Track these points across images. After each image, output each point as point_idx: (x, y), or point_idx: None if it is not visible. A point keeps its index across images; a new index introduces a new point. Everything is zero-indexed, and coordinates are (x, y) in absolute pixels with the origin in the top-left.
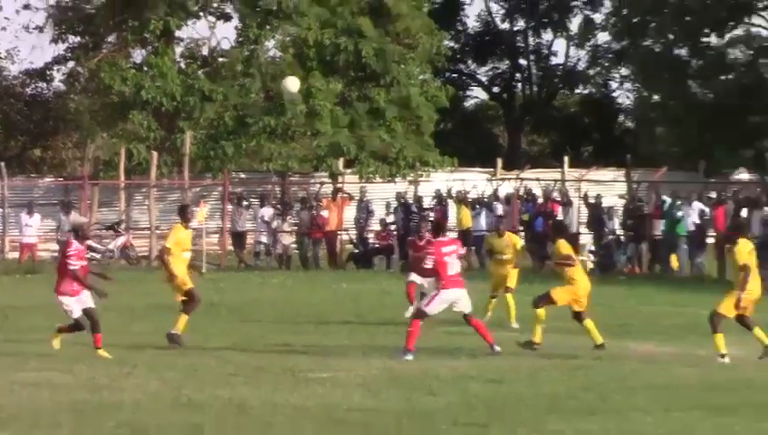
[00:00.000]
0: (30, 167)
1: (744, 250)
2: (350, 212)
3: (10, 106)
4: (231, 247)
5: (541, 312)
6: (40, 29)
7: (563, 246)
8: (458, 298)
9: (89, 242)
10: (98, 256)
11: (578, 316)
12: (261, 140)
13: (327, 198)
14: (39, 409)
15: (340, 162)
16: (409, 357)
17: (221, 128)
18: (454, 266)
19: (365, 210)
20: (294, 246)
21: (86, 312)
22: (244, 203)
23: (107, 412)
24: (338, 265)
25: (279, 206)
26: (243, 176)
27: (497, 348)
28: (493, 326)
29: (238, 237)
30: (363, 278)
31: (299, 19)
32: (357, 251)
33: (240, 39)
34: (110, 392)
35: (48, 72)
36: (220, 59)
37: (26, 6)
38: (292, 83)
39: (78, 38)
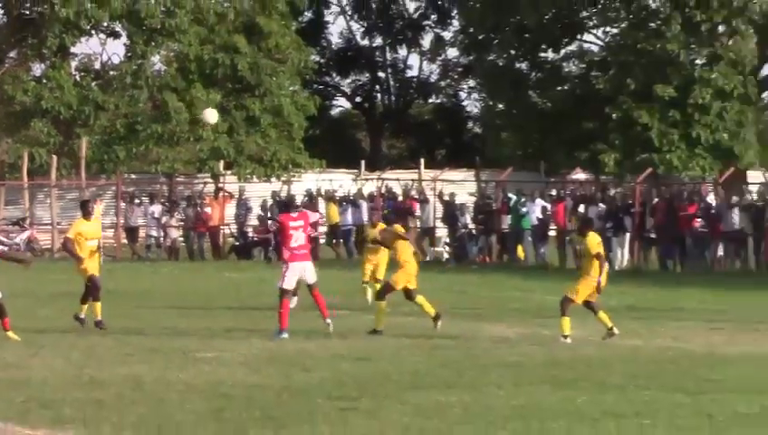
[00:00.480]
0: None
1: (595, 241)
2: (230, 209)
3: None
4: (125, 241)
5: (384, 303)
6: None
7: (399, 229)
8: (304, 268)
9: None
10: (5, 248)
11: (409, 294)
12: (149, 145)
13: (210, 196)
14: None
15: (221, 164)
16: (285, 336)
17: (114, 134)
18: (299, 239)
19: (244, 207)
20: (182, 239)
21: None
22: (136, 201)
23: (16, 388)
24: (221, 257)
25: (167, 203)
26: (134, 176)
27: (329, 321)
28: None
29: (131, 232)
30: (244, 268)
31: (181, 37)
32: (237, 244)
33: (128, 54)
34: (19, 371)
35: None
36: (111, 72)
37: None
38: (210, 115)
39: None
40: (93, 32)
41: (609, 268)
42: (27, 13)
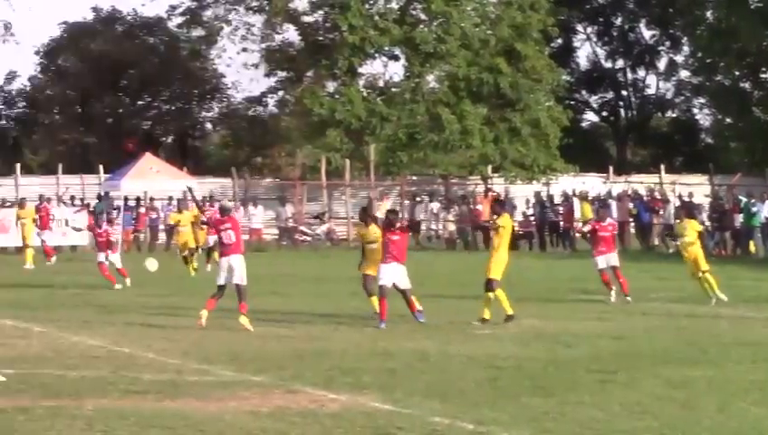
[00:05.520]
0: (253, 170)
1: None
2: None
3: (237, 124)
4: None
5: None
6: (255, 66)
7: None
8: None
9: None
10: (309, 238)
11: None
12: (427, 151)
13: (480, 195)
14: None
15: (489, 168)
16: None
17: (396, 142)
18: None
19: (509, 206)
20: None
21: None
22: (417, 199)
23: (322, 358)
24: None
25: (444, 201)
26: (415, 178)
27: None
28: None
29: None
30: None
31: (451, 59)
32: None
33: (407, 74)
34: (323, 343)
35: (264, 99)
36: (393, 89)
37: (244, 49)
38: (151, 264)
39: (285, 73)
40: (377, 55)
41: None
42: (321, 39)
